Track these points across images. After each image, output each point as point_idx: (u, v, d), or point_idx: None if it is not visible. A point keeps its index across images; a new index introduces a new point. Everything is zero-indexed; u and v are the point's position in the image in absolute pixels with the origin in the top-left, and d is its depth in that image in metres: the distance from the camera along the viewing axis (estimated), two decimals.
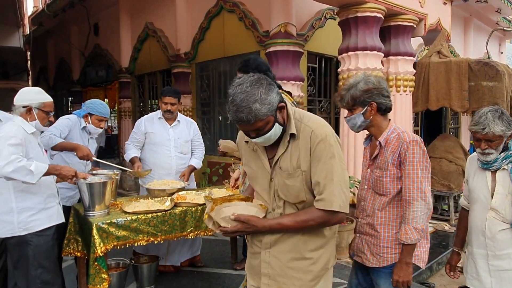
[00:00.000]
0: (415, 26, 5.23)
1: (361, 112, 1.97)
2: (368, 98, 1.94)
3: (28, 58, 14.74)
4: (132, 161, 3.66)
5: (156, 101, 8.20)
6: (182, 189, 3.43)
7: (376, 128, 2.01)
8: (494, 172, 2.05)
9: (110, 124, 16.81)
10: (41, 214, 2.53)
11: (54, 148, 3.07)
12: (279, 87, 2.93)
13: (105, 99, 10.16)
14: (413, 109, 5.38)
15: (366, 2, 4.46)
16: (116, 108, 9.62)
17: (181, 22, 6.99)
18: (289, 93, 2.92)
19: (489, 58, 7.37)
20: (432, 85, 5.26)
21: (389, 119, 2.05)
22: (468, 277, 2.17)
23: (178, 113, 3.82)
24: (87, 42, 10.38)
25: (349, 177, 3.75)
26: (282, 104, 1.58)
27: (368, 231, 2.03)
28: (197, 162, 3.85)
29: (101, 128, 3.37)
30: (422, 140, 1.93)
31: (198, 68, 6.94)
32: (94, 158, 3.25)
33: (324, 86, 6.24)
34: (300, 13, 5.53)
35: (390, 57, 5.13)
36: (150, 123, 3.75)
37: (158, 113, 3.80)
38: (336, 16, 5.01)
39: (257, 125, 1.51)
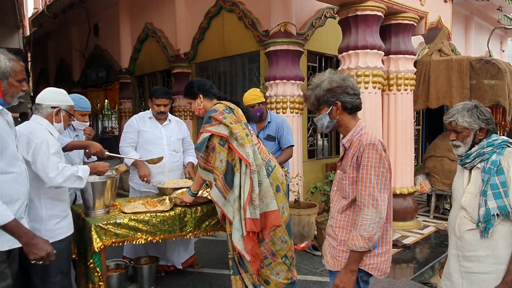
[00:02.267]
0: (415, 24, 5.21)
1: (327, 112, 1.92)
2: (331, 97, 1.88)
3: (29, 59, 14.74)
4: (137, 164, 3.57)
5: None
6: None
7: (343, 128, 1.96)
8: (471, 171, 1.97)
9: (112, 126, 16.83)
10: (64, 221, 2.47)
11: (65, 148, 3.05)
12: (220, 97, 2.92)
13: (106, 100, 10.17)
14: (413, 107, 5.36)
15: (366, 0, 4.44)
16: (116, 109, 9.61)
17: (180, 22, 6.97)
18: (237, 102, 2.93)
19: (490, 56, 7.34)
20: (432, 84, 5.24)
21: (359, 119, 1.98)
22: (442, 277, 2.12)
23: (168, 112, 3.81)
24: (87, 43, 10.37)
25: None
26: None
27: (330, 233, 2.00)
28: (194, 159, 3.85)
29: (86, 122, 3.32)
30: (382, 144, 1.86)
31: (198, 68, 6.92)
32: (107, 153, 3.24)
33: None
34: (300, 12, 5.51)
35: (391, 56, 5.11)
36: (142, 122, 3.73)
37: (148, 113, 3.77)
38: (336, 15, 4.99)
39: None
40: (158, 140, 3.68)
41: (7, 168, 1.89)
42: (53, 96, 2.50)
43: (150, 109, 3.76)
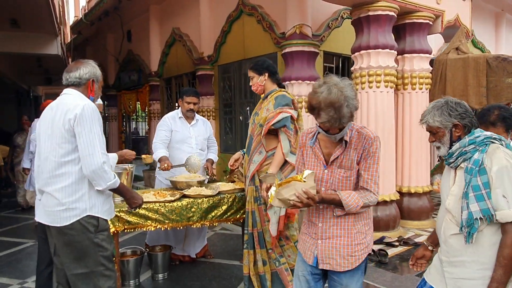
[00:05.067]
0: (431, 23, 5.19)
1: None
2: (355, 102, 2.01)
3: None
4: (161, 160, 3.72)
5: None
6: (202, 182, 3.68)
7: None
8: (456, 171, 1.84)
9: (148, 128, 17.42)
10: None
11: None
12: (281, 85, 3.19)
13: (137, 102, 10.68)
14: None
15: (378, 0, 4.50)
16: (147, 110, 10.08)
17: (204, 26, 7.28)
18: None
19: None
20: (449, 82, 5.19)
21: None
22: (426, 271, 2.05)
23: (195, 112, 4.05)
24: (121, 48, 10.95)
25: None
26: None
27: (336, 233, 1.96)
28: (214, 156, 4.14)
29: None
30: None
31: (220, 70, 7.19)
32: None
33: None
34: (317, 14, 5.63)
35: (405, 55, 5.12)
36: (174, 122, 3.96)
37: (178, 112, 4.01)
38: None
39: None
40: (188, 139, 3.94)
41: (105, 151, 2.28)
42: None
43: (180, 108, 4.01)
